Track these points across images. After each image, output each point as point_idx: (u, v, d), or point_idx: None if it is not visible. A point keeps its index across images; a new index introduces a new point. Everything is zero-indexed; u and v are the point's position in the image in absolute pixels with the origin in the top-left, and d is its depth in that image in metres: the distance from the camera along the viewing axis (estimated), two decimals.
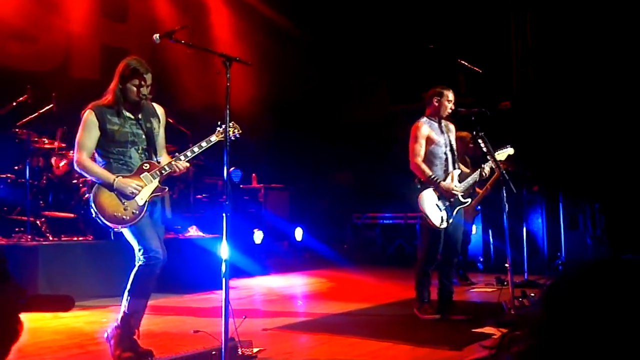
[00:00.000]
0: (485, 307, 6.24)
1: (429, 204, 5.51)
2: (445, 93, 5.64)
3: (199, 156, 4.57)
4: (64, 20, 9.39)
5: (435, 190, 5.53)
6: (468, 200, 5.71)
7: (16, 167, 7.59)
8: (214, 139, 4.26)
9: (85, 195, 5.10)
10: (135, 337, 4.10)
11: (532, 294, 5.68)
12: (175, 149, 6.60)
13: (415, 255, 6.61)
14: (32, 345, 4.53)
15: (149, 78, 4.14)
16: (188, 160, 4.28)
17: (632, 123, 9.06)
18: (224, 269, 3.63)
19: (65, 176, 7.61)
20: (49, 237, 7.18)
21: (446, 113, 5.64)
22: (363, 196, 11.76)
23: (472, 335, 4.79)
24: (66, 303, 6.06)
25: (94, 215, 4.08)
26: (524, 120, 9.98)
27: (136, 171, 4.15)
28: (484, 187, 7.17)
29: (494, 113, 7.26)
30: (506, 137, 6.65)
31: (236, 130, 4.27)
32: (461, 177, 5.69)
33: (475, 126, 5.48)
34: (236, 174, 10.19)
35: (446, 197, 5.54)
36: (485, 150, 5.49)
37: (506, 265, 5.49)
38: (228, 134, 3.85)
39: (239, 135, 4.29)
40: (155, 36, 3.87)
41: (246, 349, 4.12)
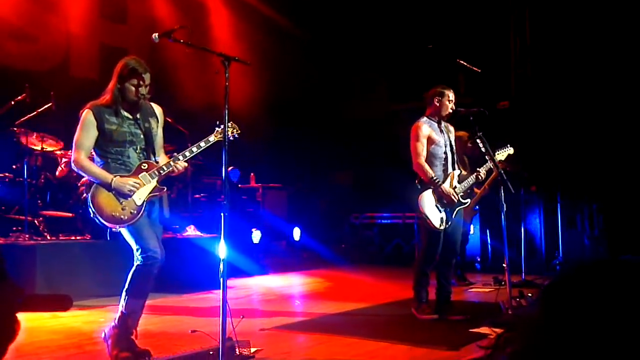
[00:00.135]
0: (483, 307, 6.24)
1: (429, 205, 5.52)
2: (446, 93, 5.65)
3: (198, 156, 4.57)
4: (63, 20, 9.39)
5: (434, 192, 5.54)
6: (468, 201, 5.72)
7: (14, 166, 7.58)
8: (212, 139, 4.26)
9: (83, 194, 5.08)
10: (132, 337, 4.10)
11: (530, 294, 5.69)
12: (173, 148, 6.60)
13: (413, 254, 6.62)
14: (30, 345, 4.53)
15: (147, 78, 4.14)
16: (186, 160, 4.29)
17: (631, 123, 9.07)
18: (222, 268, 3.63)
19: (65, 176, 7.63)
20: (47, 236, 7.18)
21: (447, 113, 5.65)
22: (361, 196, 11.78)
23: (469, 336, 4.79)
24: (64, 302, 6.06)
25: (92, 215, 4.08)
26: (522, 120, 9.99)
27: (134, 171, 4.15)
28: (481, 187, 7.18)
29: (493, 113, 7.27)
30: (504, 137, 6.66)
31: (235, 131, 4.27)
32: (460, 177, 5.71)
33: (474, 126, 5.49)
34: (234, 174, 10.19)
35: (445, 200, 5.54)
36: (484, 150, 5.50)
37: (504, 265, 5.50)
38: (227, 134, 3.85)
39: (237, 135, 4.29)
40: (154, 35, 3.87)
41: (244, 348, 4.12)
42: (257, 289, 7.93)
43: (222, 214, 3.68)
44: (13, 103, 7.41)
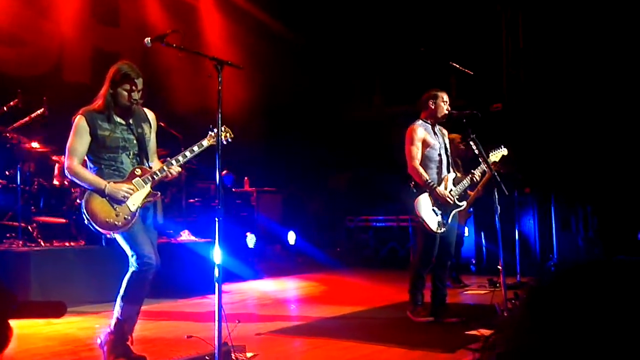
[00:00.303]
0: (478, 309, 6.25)
1: (426, 208, 5.52)
2: (439, 95, 5.67)
3: (191, 160, 4.56)
4: (55, 24, 9.36)
5: (430, 195, 5.54)
6: (463, 204, 5.73)
7: (7, 172, 7.54)
8: (205, 143, 4.25)
9: (77, 201, 5.06)
10: (128, 342, 4.08)
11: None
12: (166, 152, 6.58)
13: (408, 257, 6.61)
14: (24, 352, 4.50)
15: (139, 83, 4.13)
16: (180, 164, 4.27)
17: (624, 124, 9.11)
18: (217, 273, 3.63)
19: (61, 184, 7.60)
20: (41, 242, 7.14)
21: (443, 114, 5.66)
22: (356, 199, 11.78)
23: (465, 338, 4.79)
24: (58, 309, 6.02)
25: (86, 221, 4.06)
26: (515, 123, 10.01)
27: (128, 176, 4.13)
28: (475, 189, 7.18)
29: (485, 115, 7.28)
30: (498, 139, 6.67)
31: (228, 135, 4.27)
32: (456, 180, 5.71)
33: (467, 128, 5.49)
34: (228, 178, 10.18)
35: (441, 202, 5.54)
36: (477, 152, 5.50)
37: (498, 267, 5.49)
38: (220, 138, 3.84)
39: (230, 139, 4.29)
40: (147, 40, 3.86)
41: (240, 353, 4.11)
42: (253, 293, 7.91)
43: (216, 218, 3.67)
44: (5, 109, 7.37)
